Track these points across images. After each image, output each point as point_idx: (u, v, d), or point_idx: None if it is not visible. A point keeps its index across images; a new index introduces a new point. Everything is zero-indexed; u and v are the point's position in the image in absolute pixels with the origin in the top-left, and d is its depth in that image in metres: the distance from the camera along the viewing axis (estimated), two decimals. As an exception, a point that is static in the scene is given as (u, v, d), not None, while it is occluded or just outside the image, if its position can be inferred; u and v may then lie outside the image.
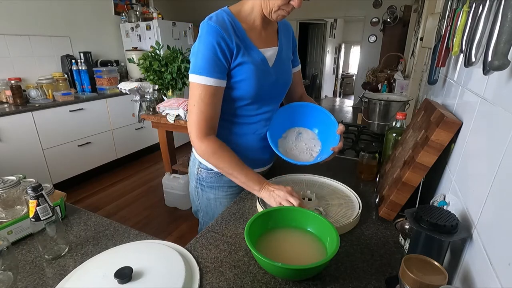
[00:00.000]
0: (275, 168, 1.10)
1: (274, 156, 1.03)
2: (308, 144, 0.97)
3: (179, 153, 3.03)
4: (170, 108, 1.98)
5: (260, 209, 0.82)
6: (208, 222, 0.80)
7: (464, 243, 0.54)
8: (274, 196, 0.78)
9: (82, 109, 2.75)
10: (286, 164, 0.96)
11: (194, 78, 0.78)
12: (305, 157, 0.94)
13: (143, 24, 3.43)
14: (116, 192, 2.79)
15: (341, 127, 0.90)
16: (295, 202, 0.75)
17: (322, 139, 0.98)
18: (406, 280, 0.45)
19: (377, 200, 0.85)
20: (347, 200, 0.88)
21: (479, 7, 0.55)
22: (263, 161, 1.02)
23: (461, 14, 0.66)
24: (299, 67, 1.07)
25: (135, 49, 3.49)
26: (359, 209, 0.80)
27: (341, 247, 0.69)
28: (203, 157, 0.85)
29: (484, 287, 0.44)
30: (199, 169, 0.99)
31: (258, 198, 0.85)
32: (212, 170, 0.96)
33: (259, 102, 0.89)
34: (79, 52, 3.11)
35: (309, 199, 0.85)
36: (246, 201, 0.90)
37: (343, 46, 9.49)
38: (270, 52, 0.88)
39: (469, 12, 0.62)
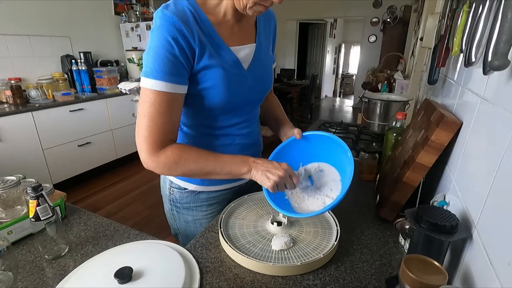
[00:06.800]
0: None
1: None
2: (324, 188, 0.73)
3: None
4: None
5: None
6: None
7: (464, 243, 0.54)
8: (268, 176, 0.64)
9: (82, 109, 2.75)
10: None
11: (146, 83, 0.62)
12: (315, 204, 0.71)
13: (143, 24, 3.42)
14: (116, 192, 2.79)
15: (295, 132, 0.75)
16: (292, 183, 0.66)
17: (343, 182, 0.71)
18: (406, 280, 0.45)
19: (377, 200, 0.85)
20: (326, 226, 0.75)
21: (479, 7, 0.55)
22: None
23: (461, 14, 0.66)
24: (274, 64, 0.90)
25: (135, 49, 3.48)
26: (335, 241, 0.67)
27: (341, 247, 0.70)
28: (167, 174, 0.69)
29: (484, 287, 0.44)
30: (171, 189, 0.86)
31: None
32: (186, 189, 0.84)
33: (232, 111, 0.76)
34: (79, 52, 3.10)
35: (279, 224, 0.73)
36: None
37: (343, 46, 9.49)
38: (245, 51, 0.72)
39: (469, 12, 0.62)
